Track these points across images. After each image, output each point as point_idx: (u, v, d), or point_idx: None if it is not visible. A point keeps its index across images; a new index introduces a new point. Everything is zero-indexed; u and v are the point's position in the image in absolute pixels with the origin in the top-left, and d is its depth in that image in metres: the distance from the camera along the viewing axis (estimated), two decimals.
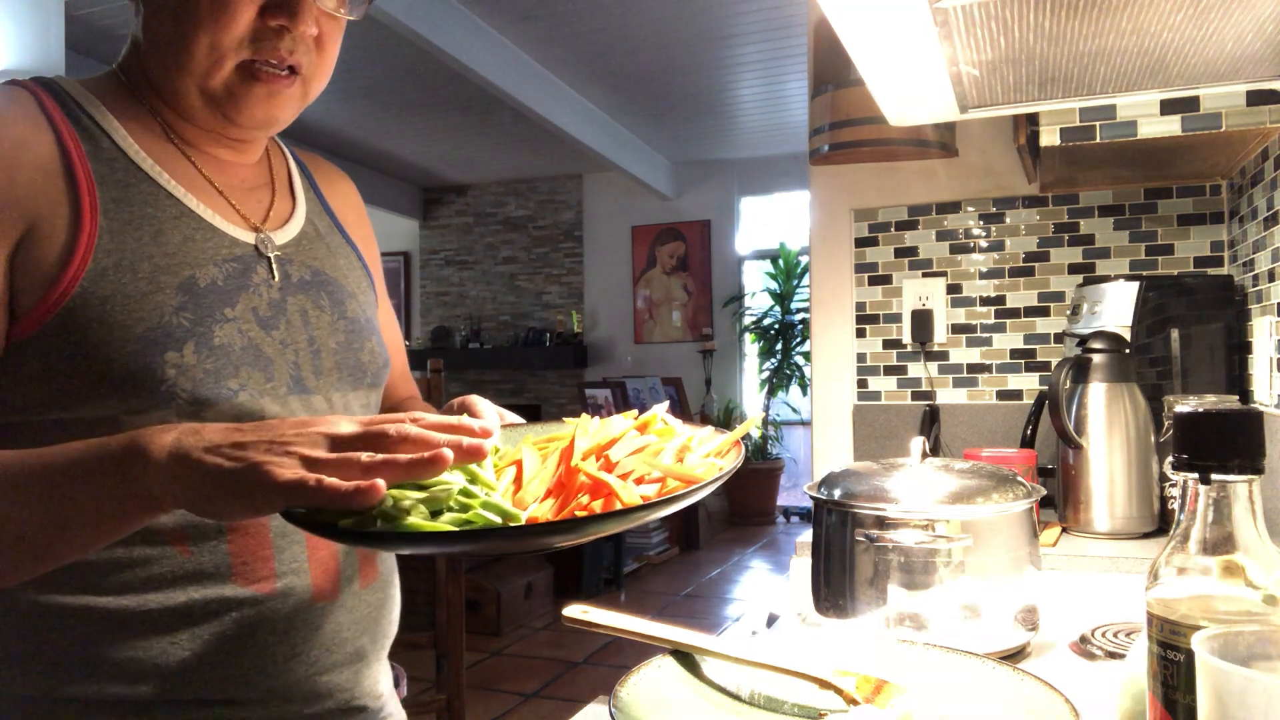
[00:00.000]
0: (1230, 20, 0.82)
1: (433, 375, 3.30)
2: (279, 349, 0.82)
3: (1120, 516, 1.55)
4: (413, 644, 3.13)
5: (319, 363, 0.85)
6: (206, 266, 0.79)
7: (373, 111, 6.54)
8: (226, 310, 0.79)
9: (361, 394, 0.90)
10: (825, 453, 2.15)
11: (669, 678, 0.75)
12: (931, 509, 0.96)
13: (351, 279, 0.93)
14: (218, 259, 0.80)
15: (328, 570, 0.83)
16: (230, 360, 0.78)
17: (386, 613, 0.92)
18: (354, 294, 0.92)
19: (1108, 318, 1.68)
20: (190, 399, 0.75)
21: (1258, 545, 0.55)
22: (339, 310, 0.89)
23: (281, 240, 0.87)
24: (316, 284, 0.88)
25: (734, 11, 4.94)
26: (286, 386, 0.82)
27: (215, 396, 0.76)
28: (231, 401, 0.77)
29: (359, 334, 0.90)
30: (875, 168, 2.09)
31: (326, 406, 0.85)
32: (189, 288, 0.77)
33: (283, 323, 0.83)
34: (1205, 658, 0.49)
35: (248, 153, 0.90)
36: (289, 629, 0.80)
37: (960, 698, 0.73)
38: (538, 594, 4.92)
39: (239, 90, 0.80)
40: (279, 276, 0.85)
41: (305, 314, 0.85)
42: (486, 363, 8.60)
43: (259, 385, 0.79)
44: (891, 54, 0.89)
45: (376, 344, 0.93)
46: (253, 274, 0.82)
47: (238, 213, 0.85)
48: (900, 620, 0.96)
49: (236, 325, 0.79)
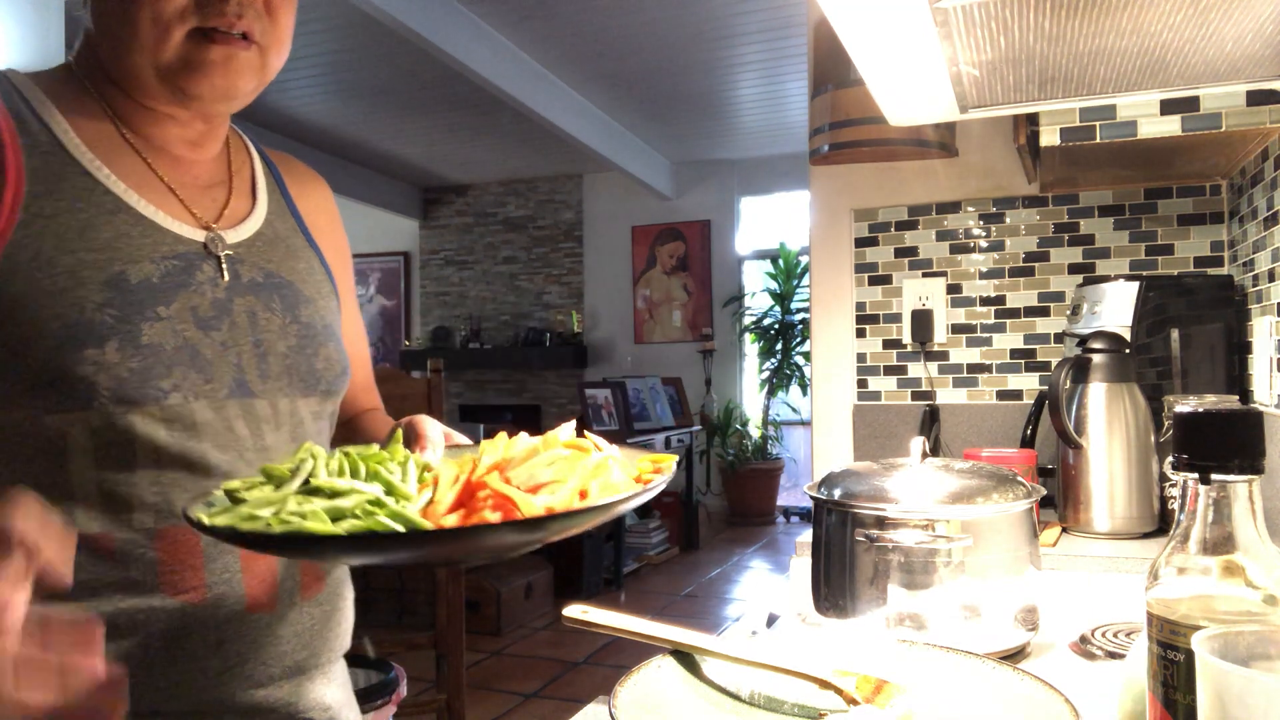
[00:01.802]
0: (1230, 20, 0.82)
1: (433, 375, 3.30)
2: (220, 351, 0.79)
3: (1120, 516, 1.55)
4: (413, 644, 3.13)
5: (265, 366, 0.82)
6: (141, 263, 0.76)
7: (373, 111, 6.54)
8: (160, 309, 0.76)
9: (313, 401, 0.87)
10: (825, 453, 2.15)
11: (669, 678, 0.75)
12: (931, 509, 0.96)
13: (310, 283, 0.90)
14: (155, 256, 0.77)
15: (264, 581, 0.79)
16: (161, 360, 0.75)
17: (334, 625, 0.88)
18: (311, 299, 0.89)
19: (1108, 318, 1.68)
20: (113, 398, 0.72)
21: (1258, 545, 0.55)
22: (292, 314, 0.86)
23: (234, 239, 0.84)
24: (269, 286, 0.85)
25: (734, 11, 4.94)
26: (227, 389, 0.79)
27: (141, 397, 0.73)
28: (161, 403, 0.74)
29: (313, 339, 0.87)
30: (875, 168, 2.09)
31: (271, 411, 0.82)
32: (117, 284, 0.74)
33: (226, 324, 0.80)
34: (1205, 658, 0.49)
35: (205, 146, 0.87)
36: (221, 641, 0.76)
37: (960, 698, 0.74)
38: (538, 594, 4.93)
39: (192, 58, 0.77)
40: (228, 276, 0.82)
41: (253, 316, 0.82)
42: (486, 363, 8.60)
43: (195, 386, 0.77)
44: (891, 54, 0.89)
45: (334, 350, 0.89)
46: (196, 272, 0.80)
47: (189, 210, 0.82)
48: (900, 620, 0.96)
49: (170, 324, 0.76)
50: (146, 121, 0.82)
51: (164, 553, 0.74)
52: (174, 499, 0.75)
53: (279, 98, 6.13)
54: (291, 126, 6.75)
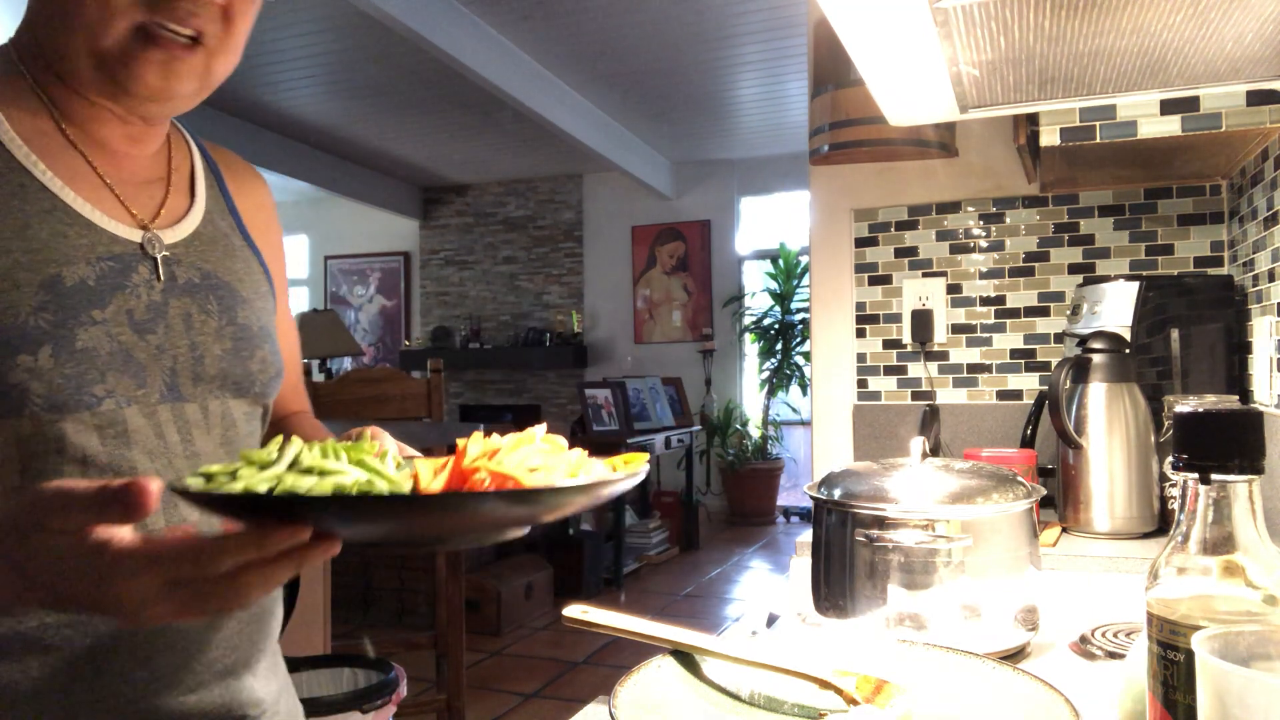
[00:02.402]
0: (1230, 20, 0.83)
1: (433, 375, 3.30)
2: (154, 354, 0.77)
3: (1120, 516, 1.55)
4: (413, 644, 3.13)
5: (200, 369, 0.81)
6: (77, 264, 0.74)
7: (373, 111, 6.54)
8: (95, 312, 0.74)
9: (245, 403, 0.85)
10: (825, 453, 2.15)
11: (669, 678, 0.75)
12: (931, 509, 0.96)
13: (247, 284, 0.88)
14: (91, 257, 0.75)
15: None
16: (95, 365, 0.73)
17: (264, 625, 0.86)
18: (248, 300, 0.87)
19: (1108, 318, 1.68)
20: (46, 405, 0.70)
21: (1258, 545, 0.55)
22: (228, 315, 0.84)
23: (171, 240, 0.82)
24: (206, 287, 0.83)
25: (734, 11, 4.94)
26: (159, 394, 0.77)
27: (75, 403, 0.71)
28: (94, 409, 0.72)
29: (249, 341, 0.85)
30: (875, 168, 2.09)
31: (201, 415, 0.80)
32: (52, 286, 0.72)
33: (161, 326, 0.78)
34: (1205, 658, 0.49)
35: (145, 142, 0.84)
36: (150, 656, 0.74)
37: (960, 698, 0.74)
38: (538, 594, 4.93)
39: (133, 53, 0.74)
40: (164, 278, 0.80)
41: (189, 318, 0.81)
42: (486, 363, 8.60)
43: (128, 392, 0.75)
44: (891, 54, 0.89)
45: (269, 353, 0.88)
46: (132, 274, 0.78)
47: (125, 209, 0.80)
48: (900, 620, 0.96)
49: (105, 328, 0.74)
50: (85, 116, 0.79)
51: None
52: None
53: (279, 98, 6.13)
54: (291, 126, 6.76)
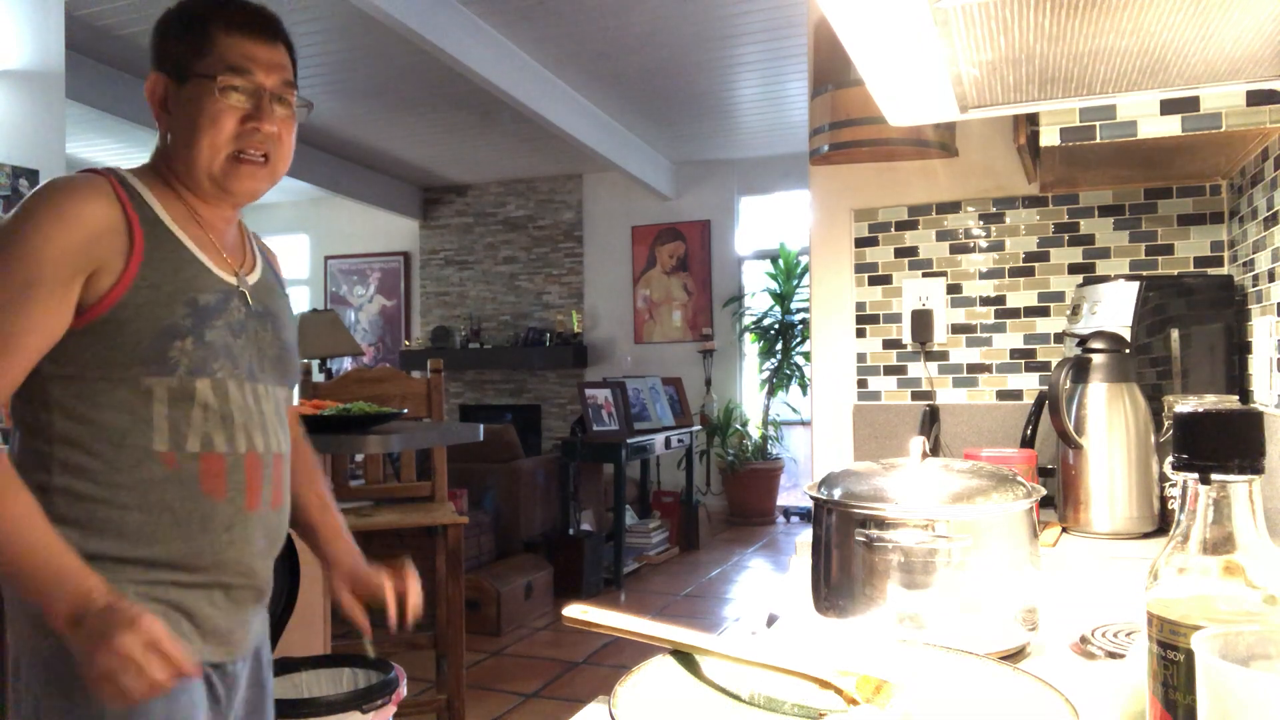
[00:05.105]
0: (1230, 20, 0.82)
1: (433, 375, 3.30)
2: (242, 350, 1.24)
3: (1120, 516, 1.55)
4: (413, 644, 3.13)
5: (263, 365, 1.28)
6: (205, 293, 1.21)
7: (373, 111, 6.54)
8: (216, 321, 1.21)
9: (284, 390, 1.34)
10: (825, 453, 2.15)
11: (669, 678, 0.75)
12: (931, 509, 0.96)
13: (284, 315, 1.36)
14: (211, 289, 1.22)
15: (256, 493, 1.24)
16: (214, 352, 1.20)
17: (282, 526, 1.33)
18: (286, 325, 1.35)
19: (1108, 318, 1.68)
20: (187, 371, 1.17)
21: (1258, 545, 0.55)
22: (278, 335, 1.32)
23: (250, 283, 1.30)
24: (267, 315, 1.31)
25: (734, 11, 4.94)
26: (245, 374, 1.24)
27: (202, 372, 1.18)
28: (213, 378, 1.19)
29: (289, 352, 1.34)
30: (875, 168, 2.09)
31: (266, 392, 1.27)
32: (193, 304, 1.19)
33: (245, 335, 1.25)
34: (1205, 658, 0.49)
35: (231, 222, 1.32)
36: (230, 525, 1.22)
37: (960, 698, 0.74)
38: (538, 594, 4.92)
39: (229, 173, 1.23)
40: (246, 307, 1.27)
41: (258, 333, 1.28)
42: (486, 363, 8.60)
43: (229, 371, 1.21)
44: (891, 54, 0.89)
45: (297, 361, 1.37)
46: (232, 301, 1.25)
47: (226, 262, 1.27)
48: (900, 620, 0.96)
49: (219, 332, 1.21)
50: (201, 205, 1.27)
51: (203, 467, 1.19)
52: (213, 436, 1.19)
53: None
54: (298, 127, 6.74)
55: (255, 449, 1.23)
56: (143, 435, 1.15)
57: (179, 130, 1.23)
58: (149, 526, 1.16)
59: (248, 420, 1.23)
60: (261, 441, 1.24)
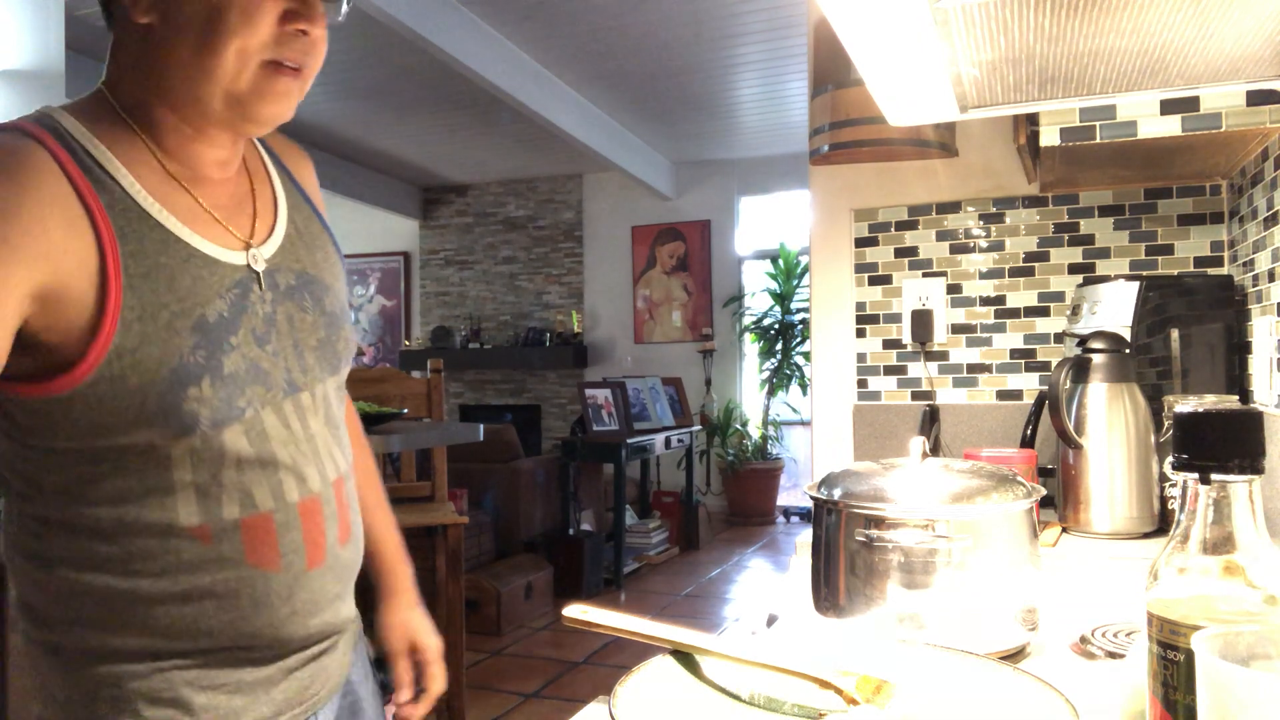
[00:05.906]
0: (1230, 20, 0.82)
1: (433, 375, 3.30)
2: (273, 360, 0.93)
3: (1120, 516, 1.55)
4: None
5: (304, 362, 0.96)
6: (214, 302, 0.89)
7: (373, 111, 6.54)
8: (231, 339, 0.89)
9: (335, 380, 1.02)
10: (825, 453, 2.15)
11: (669, 678, 0.75)
12: (931, 509, 0.96)
13: (327, 270, 1.03)
14: (222, 290, 0.90)
15: (318, 547, 0.97)
16: (237, 383, 0.89)
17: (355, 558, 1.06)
18: (330, 285, 1.02)
19: (1108, 318, 1.68)
20: (210, 423, 0.87)
21: (1258, 545, 0.55)
22: (319, 308, 0.99)
23: (269, 252, 0.96)
24: (301, 287, 0.98)
25: (734, 11, 4.94)
26: (282, 391, 0.93)
27: (228, 418, 0.88)
28: (241, 419, 0.89)
29: (335, 325, 1.01)
30: (875, 168, 2.09)
31: (311, 400, 0.97)
32: (201, 326, 0.87)
33: (274, 335, 0.94)
34: (1205, 658, 0.49)
35: (229, 164, 0.97)
36: (291, 593, 0.94)
37: (960, 698, 0.74)
38: (538, 594, 4.92)
39: (262, 87, 0.89)
40: (269, 287, 0.95)
41: (291, 320, 0.96)
42: (486, 363, 8.60)
43: (260, 398, 0.91)
44: (891, 54, 0.89)
45: (348, 329, 1.04)
46: (250, 294, 0.92)
47: (231, 234, 0.93)
48: (900, 620, 0.96)
49: (240, 351, 0.90)
50: (179, 143, 0.92)
51: (247, 535, 0.91)
52: (254, 493, 0.90)
53: None
54: (291, 126, 6.66)
55: (311, 490, 0.95)
56: (163, 509, 0.87)
57: (180, 34, 0.87)
58: (185, 619, 0.89)
59: (295, 454, 0.93)
60: (317, 475, 0.95)
